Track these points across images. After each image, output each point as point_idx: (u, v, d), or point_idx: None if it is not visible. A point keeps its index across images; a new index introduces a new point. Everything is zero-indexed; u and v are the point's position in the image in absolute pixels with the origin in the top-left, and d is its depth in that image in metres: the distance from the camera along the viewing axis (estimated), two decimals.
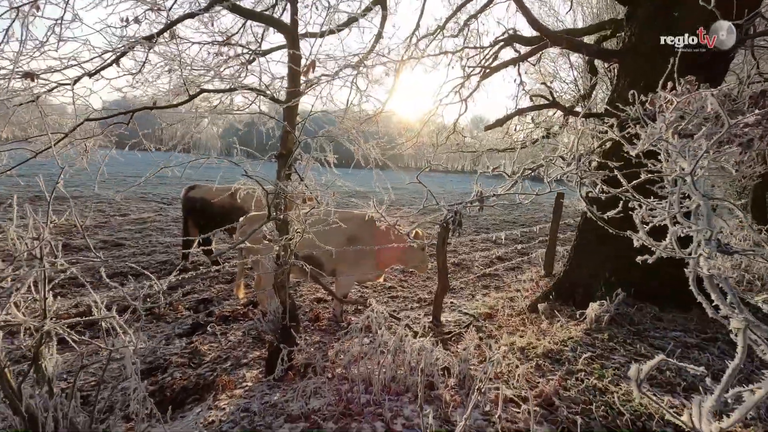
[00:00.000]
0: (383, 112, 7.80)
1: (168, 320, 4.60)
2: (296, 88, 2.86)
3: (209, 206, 5.98)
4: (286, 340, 3.46)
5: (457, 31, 7.80)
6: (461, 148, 9.72)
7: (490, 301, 5.55)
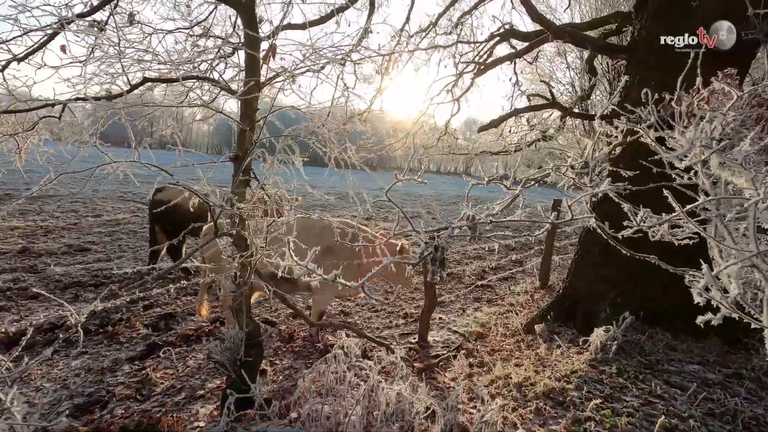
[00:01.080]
0: (371, 112, 7.35)
1: (122, 340, 4.09)
2: (255, 79, 2.38)
3: (178, 211, 5.46)
4: (248, 373, 2.99)
5: (450, 29, 7.38)
6: (453, 150, 9.30)
7: (482, 317, 5.11)
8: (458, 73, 6.46)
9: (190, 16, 3.25)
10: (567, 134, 8.40)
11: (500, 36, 5.25)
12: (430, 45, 5.58)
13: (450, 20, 7.61)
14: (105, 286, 5.42)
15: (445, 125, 8.26)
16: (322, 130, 2.72)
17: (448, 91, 6.84)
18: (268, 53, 2.23)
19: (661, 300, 3.49)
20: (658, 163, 2.17)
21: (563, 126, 8.06)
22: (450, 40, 5.94)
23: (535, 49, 6.53)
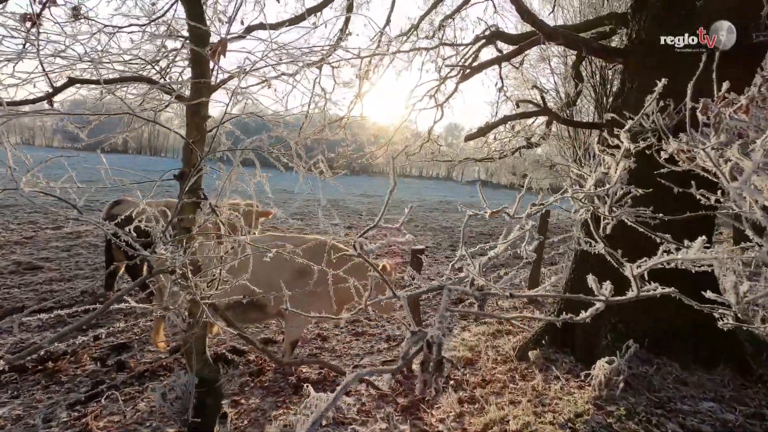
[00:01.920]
0: (351, 118, 6.96)
1: (63, 379, 3.57)
2: (203, 81, 1.97)
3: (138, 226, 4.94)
4: (204, 424, 2.54)
5: (432, 32, 7.08)
6: (436, 156, 8.99)
7: (470, 338, 4.76)
8: (441, 78, 6.14)
9: (143, 11, 2.82)
10: (552, 141, 8.20)
11: (486, 38, 4.95)
12: (411, 48, 5.23)
13: (432, 24, 7.32)
14: (52, 312, 4.84)
15: (428, 132, 7.95)
16: (289, 140, 2.31)
17: (430, 97, 6.51)
18: (216, 50, 1.82)
19: (667, 326, 3.19)
20: (670, 177, 1.85)
21: (549, 133, 7.84)
22: (432, 44, 5.62)
23: (522, 54, 6.28)
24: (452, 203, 22.19)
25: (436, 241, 11.01)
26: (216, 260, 2.21)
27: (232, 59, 4.36)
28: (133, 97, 2.91)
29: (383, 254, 9.08)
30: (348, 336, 4.79)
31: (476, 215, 1.60)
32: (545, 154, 9.46)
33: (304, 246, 3.47)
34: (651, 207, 1.83)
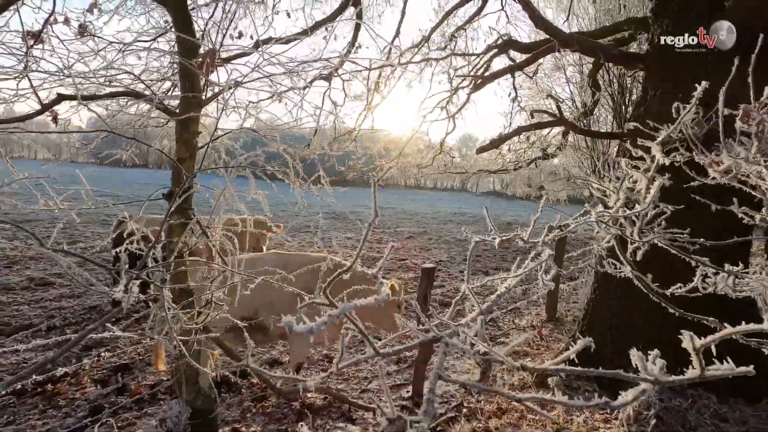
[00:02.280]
0: (361, 132, 6.86)
1: (61, 403, 3.46)
2: (193, 94, 1.85)
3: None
4: None
5: (444, 44, 6.97)
6: (449, 168, 8.81)
7: None
8: (453, 88, 6.00)
9: (155, 29, 2.76)
10: (569, 152, 7.93)
11: (498, 48, 4.80)
12: (422, 59, 5.11)
13: (444, 36, 7.22)
14: (58, 330, 4.80)
15: (440, 144, 7.79)
16: (286, 155, 2.17)
17: (442, 108, 6.37)
18: (204, 61, 1.70)
19: (702, 355, 2.91)
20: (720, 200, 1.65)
21: (565, 143, 7.60)
22: (443, 54, 5.49)
23: (536, 62, 6.10)
24: (466, 215, 21.89)
25: (450, 254, 10.76)
26: (207, 285, 2.07)
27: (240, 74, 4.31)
28: (133, 114, 2.83)
29: (396, 268, 8.88)
30: (356, 356, 4.58)
31: (483, 241, 1.41)
32: (561, 165, 9.17)
33: (296, 267, 3.33)
34: (686, 228, 1.62)
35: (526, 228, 1.46)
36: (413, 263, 9.46)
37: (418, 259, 9.85)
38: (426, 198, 34.80)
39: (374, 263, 9.58)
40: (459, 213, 22.66)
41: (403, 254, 10.42)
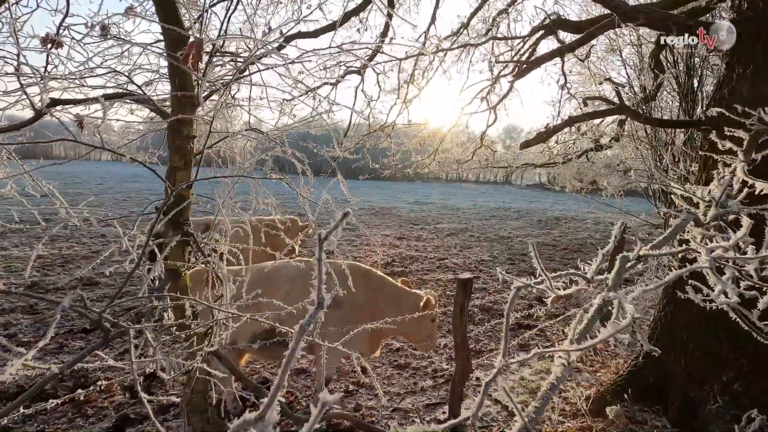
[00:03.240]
0: (395, 127, 6.52)
1: (89, 412, 3.43)
2: (182, 93, 1.60)
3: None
4: None
5: (486, 30, 6.47)
6: (491, 163, 8.28)
7: (531, 377, 4.08)
8: (494, 77, 5.52)
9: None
10: (626, 142, 7.17)
11: (545, 29, 4.28)
12: (459, 45, 4.68)
13: (485, 21, 6.71)
14: (96, 332, 4.87)
15: (480, 137, 7.30)
16: (293, 159, 1.89)
17: (482, 99, 5.90)
18: (188, 54, 1.44)
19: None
20: None
21: (622, 132, 6.86)
22: (483, 40, 5.02)
23: (588, 44, 5.50)
24: (510, 209, 20.98)
25: (492, 253, 10.22)
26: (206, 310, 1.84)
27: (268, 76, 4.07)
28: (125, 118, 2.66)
29: (435, 269, 8.50)
30: (389, 368, 4.30)
31: (528, 286, 1.05)
32: (616, 157, 8.36)
33: None
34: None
35: (587, 265, 1.09)
36: (453, 263, 9.03)
37: (458, 259, 9.41)
38: (468, 192, 33.84)
39: (414, 262, 9.25)
40: (502, 207, 21.76)
41: (442, 253, 10.00)
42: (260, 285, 3.38)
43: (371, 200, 21.88)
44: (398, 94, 5.29)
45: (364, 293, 3.44)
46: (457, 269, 8.55)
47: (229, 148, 2.05)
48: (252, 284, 3.35)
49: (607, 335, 0.80)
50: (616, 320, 0.95)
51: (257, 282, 3.37)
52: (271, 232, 3.64)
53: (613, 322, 0.94)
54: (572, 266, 1.10)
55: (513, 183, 50.01)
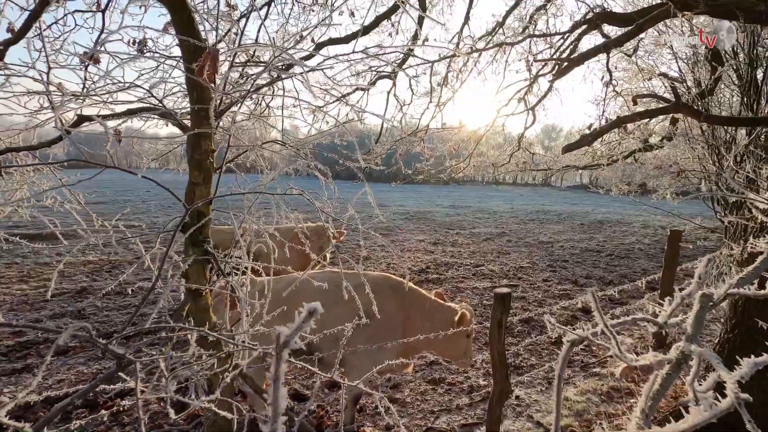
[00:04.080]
0: (429, 131, 6.35)
1: (127, 419, 3.48)
2: (199, 106, 1.54)
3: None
4: None
5: (522, 29, 6.19)
6: (529, 166, 7.92)
7: (576, 397, 3.78)
8: (532, 76, 5.25)
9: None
10: (679, 142, 6.63)
11: (588, 23, 3.99)
12: (494, 45, 4.46)
13: (522, 19, 6.43)
14: (137, 338, 5.00)
15: (518, 139, 7.00)
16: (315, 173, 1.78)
17: (519, 100, 5.63)
18: (203, 65, 1.36)
19: None
20: None
21: (675, 131, 6.35)
22: (520, 38, 4.77)
23: (637, 36, 5.12)
24: (550, 212, 20.18)
25: (531, 259, 9.79)
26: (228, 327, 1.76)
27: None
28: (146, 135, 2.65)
29: (471, 276, 8.22)
30: (423, 383, 4.13)
31: (585, 340, 0.88)
32: (668, 157, 7.78)
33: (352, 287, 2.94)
34: None
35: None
36: (490, 270, 8.72)
37: (495, 265, 9.07)
38: (505, 195, 32.96)
39: (449, 268, 9.00)
40: (542, 211, 20.97)
41: (479, 259, 9.69)
42: (289, 298, 3.32)
43: (405, 204, 21.72)
44: (430, 97, 5.13)
45: (395, 307, 3.30)
46: (494, 276, 8.24)
47: (258, 158, 1.98)
48: (280, 297, 3.30)
49: (700, 421, 0.62)
50: (697, 379, 0.76)
51: (285, 295, 3.31)
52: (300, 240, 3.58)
53: (692, 383, 0.75)
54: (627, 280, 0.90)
55: (553, 185, 48.29)
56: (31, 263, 8.19)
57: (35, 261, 8.29)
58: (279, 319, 2.61)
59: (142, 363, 1.18)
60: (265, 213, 1.98)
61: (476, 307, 6.37)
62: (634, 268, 9.15)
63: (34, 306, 6.01)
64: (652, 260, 9.94)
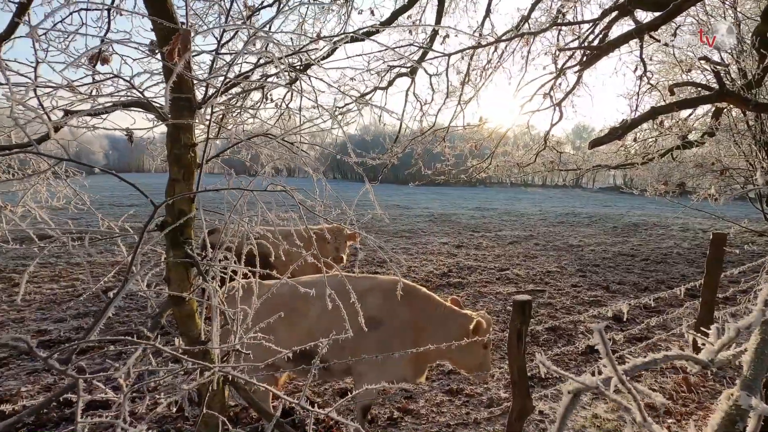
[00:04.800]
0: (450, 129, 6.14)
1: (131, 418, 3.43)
2: (176, 95, 1.41)
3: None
4: None
5: (549, 22, 5.90)
6: (557, 165, 7.56)
7: (607, 415, 3.48)
8: (558, 69, 4.96)
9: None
10: (723, 137, 6.14)
11: (619, 8, 3.69)
12: (514, 35, 4.22)
13: (548, 12, 6.13)
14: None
15: (544, 137, 6.68)
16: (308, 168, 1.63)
17: (545, 95, 5.35)
18: (173, 48, 1.24)
19: None
20: None
21: (717, 126, 5.88)
22: (545, 26, 4.50)
23: (671, 26, 4.77)
24: (580, 215, 19.41)
25: (560, 263, 9.35)
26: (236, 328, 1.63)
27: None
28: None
29: (494, 280, 7.91)
30: (439, 394, 3.91)
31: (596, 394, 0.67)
32: (710, 154, 7.24)
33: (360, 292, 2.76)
34: None
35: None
36: (515, 274, 8.37)
37: (521, 270, 8.71)
38: (533, 197, 32.02)
39: (472, 272, 8.71)
40: (572, 213, 20.19)
41: (503, 263, 9.34)
42: (294, 300, 3.19)
43: (430, 207, 21.42)
44: (446, 92, 4.93)
45: (407, 313, 3.11)
46: (520, 281, 7.89)
47: (248, 154, 1.85)
48: (286, 299, 3.17)
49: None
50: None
51: (291, 298, 3.18)
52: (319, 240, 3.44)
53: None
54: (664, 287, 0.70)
55: (584, 186, 46.68)
56: (63, 263, 8.47)
57: (67, 261, 8.57)
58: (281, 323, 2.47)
59: (87, 380, 1.04)
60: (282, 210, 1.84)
61: (498, 313, 6.08)
62: (671, 274, 8.58)
63: (61, 305, 6.15)
64: (692, 265, 9.30)
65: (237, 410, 3.56)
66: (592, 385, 0.61)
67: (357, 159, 1.71)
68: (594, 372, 0.67)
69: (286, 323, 2.98)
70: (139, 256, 1.35)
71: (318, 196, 1.64)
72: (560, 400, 2.85)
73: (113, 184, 28.94)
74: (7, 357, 4.43)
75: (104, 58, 2.52)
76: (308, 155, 1.71)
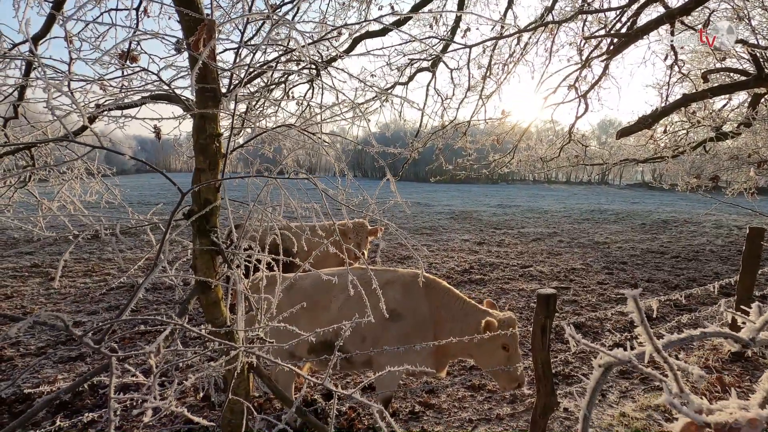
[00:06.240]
0: (472, 123, 6.07)
1: None
2: (202, 85, 1.44)
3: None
4: None
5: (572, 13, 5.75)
6: (582, 160, 7.36)
7: (635, 413, 3.39)
8: (584, 60, 4.83)
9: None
10: (760, 128, 5.84)
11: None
12: (538, 24, 4.13)
13: (574, 1, 5.98)
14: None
15: (569, 130, 6.53)
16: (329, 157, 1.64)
17: (570, 87, 5.22)
18: (198, 39, 1.26)
19: None
20: None
21: (754, 116, 5.61)
22: (570, 14, 4.39)
23: (703, 12, 4.59)
24: (606, 212, 18.90)
25: (585, 261, 9.13)
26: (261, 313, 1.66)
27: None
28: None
29: (517, 277, 7.79)
30: (461, 389, 3.88)
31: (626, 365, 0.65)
32: (746, 146, 6.91)
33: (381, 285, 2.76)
34: None
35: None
36: (539, 271, 8.22)
37: (544, 267, 8.55)
38: (557, 193, 31.34)
39: (494, 269, 8.60)
40: (597, 210, 19.67)
41: (526, 260, 9.18)
42: (317, 293, 3.22)
43: (451, 204, 21.26)
44: (467, 87, 4.87)
45: (427, 306, 3.10)
46: (543, 278, 7.75)
47: (271, 145, 1.88)
48: (308, 292, 3.21)
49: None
50: None
51: (314, 290, 3.21)
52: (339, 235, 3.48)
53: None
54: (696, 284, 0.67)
55: (610, 183, 45.47)
56: (96, 259, 8.80)
57: (99, 257, 8.90)
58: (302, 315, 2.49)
59: (119, 359, 1.08)
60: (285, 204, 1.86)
61: (521, 310, 5.98)
62: (704, 272, 8.25)
63: (94, 299, 6.40)
64: (726, 263, 8.93)
65: (261, 401, 3.62)
66: (624, 358, 0.59)
67: (378, 149, 1.70)
68: (626, 348, 0.65)
69: (308, 316, 3.01)
70: (167, 243, 1.38)
71: (340, 185, 1.65)
72: (584, 395, 2.78)
73: (141, 183, 29.90)
74: (45, 347, 4.64)
75: (133, 56, 2.59)
76: (330, 144, 1.72)
